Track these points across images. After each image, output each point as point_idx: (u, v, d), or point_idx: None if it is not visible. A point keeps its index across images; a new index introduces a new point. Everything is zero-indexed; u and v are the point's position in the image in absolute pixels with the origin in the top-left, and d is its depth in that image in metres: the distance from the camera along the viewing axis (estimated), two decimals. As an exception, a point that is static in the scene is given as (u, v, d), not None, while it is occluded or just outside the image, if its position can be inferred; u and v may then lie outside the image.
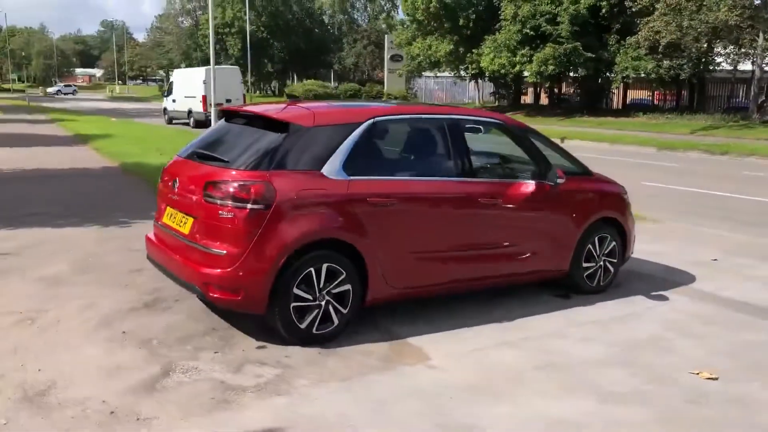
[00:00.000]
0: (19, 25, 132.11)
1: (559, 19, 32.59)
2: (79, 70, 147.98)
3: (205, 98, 27.20)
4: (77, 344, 4.65)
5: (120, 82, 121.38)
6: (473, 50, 36.66)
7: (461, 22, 35.93)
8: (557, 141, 8.37)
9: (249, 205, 4.46)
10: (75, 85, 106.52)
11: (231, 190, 4.51)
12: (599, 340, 5.09)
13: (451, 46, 37.38)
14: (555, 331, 5.27)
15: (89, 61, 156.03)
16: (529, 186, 5.62)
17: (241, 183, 4.51)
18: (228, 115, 5.50)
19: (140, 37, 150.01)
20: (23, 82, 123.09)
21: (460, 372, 4.42)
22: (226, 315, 5.11)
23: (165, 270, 5.08)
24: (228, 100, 26.10)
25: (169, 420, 3.64)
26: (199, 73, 29.56)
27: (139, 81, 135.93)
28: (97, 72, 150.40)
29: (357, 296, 4.87)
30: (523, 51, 33.87)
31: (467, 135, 5.57)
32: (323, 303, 4.71)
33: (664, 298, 6.24)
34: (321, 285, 4.68)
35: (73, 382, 4.05)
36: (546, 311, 5.71)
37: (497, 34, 35.05)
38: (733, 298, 6.28)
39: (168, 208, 5.15)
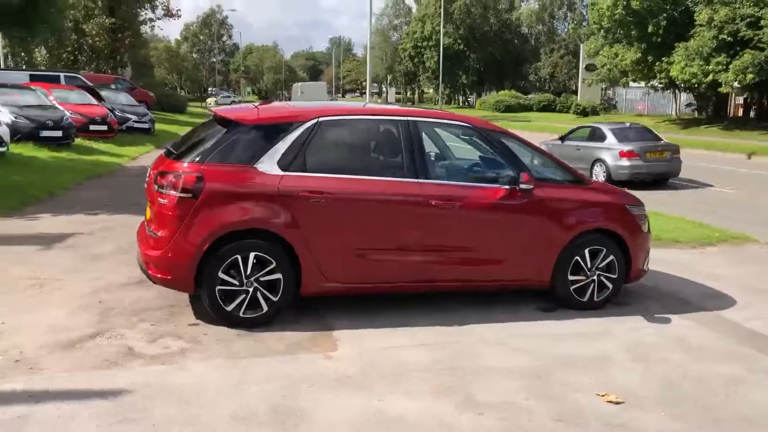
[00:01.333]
0: (257, 43, 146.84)
1: (762, 22, 29.35)
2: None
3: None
4: (54, 307, 5.42)
5: (339, 94, 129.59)
6: (663, 58, 34.20)
7: (650, 28, 33.65)
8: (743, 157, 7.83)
9: (179, 194, 4.93)
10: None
11: (170, 180, 5.01)
12: (529, 353, 4.85)
13: (638, 55, 35.17)
14: (493, 339, 5.10)
15: (316, 75, 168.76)
16: (491, 190, 5.48)
17: (177, 174, 5.00)
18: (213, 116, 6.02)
19: (361, 51, 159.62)
20: (256, 94, 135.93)
21: (349, 365, 4.51)
22: (194, 296, 5.59)
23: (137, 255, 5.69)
24: None
25: (54, 371, 4.20)
26: (300, 86, 42.01)
27: (356, 93, 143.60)
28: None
29: (289, 286, 5.12)
30: (718, 59, 30.94)
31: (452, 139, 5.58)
32: (251, 289, 5.02)
33: (664, 321, 5.71)
34: (248, 272, 5.00)
35: (17, 334, 4.79)
36: (507, 320, 5.51)
37: (690, 40, 32.40)
38: (755, 329, 5.57)
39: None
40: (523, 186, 5.47)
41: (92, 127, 19.37)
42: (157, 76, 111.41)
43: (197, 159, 5.06)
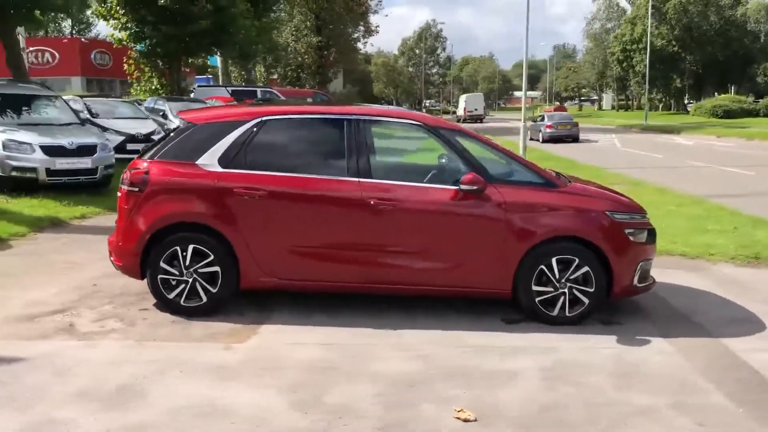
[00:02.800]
0: (475, 55, 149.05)
1: None
2: (519, 93, 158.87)
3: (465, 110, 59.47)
4: (54, 285, 6.15)
5: (557, 102, 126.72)
6: None
7: None
8: None
9: (128, 188, 5.39)
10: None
11: (125, 175, 5.50)
12: (426, 361, 4.60)
13: None
14: (406, 345, 4.90)
15: (533, 83, 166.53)
16: (439, 191, 5.26)
17: (129, 169, 5.47)
18: None
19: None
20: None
21: (239, 357, 4.61)
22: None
23: None
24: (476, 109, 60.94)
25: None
26: (464, 97, 52.13)
27: (574, 102, 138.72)
28: (536, 93, 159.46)
29: (229, 279, 5.34)
30: None
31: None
32: (190, 280, 5.33)
33: (639, 343, 5.06)
34: (187, 263, 5.31)
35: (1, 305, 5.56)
36: (451, 329, 5.23)
37: None
38: (743, 361, 4.74)
39: None
40: (464, 187, 5.17)
41: None
42: (375, 89, 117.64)
43: (150, 156, 5.49)
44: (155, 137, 15.42)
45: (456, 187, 5.22)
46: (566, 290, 5.33)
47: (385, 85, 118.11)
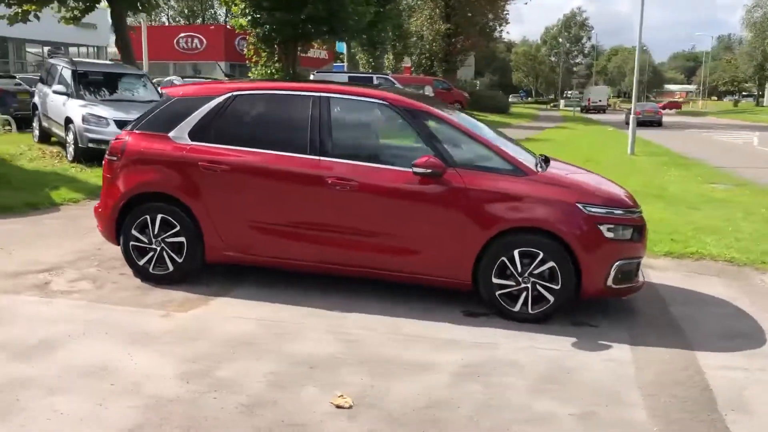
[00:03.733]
0: (626, 45, 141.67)
1: None
2: (674, 86, 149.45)
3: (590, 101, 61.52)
4: (63, 245, 6.56)
5: (715, 97, 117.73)
6: None
7: None
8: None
9: (108, 156, 5.64)
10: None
11: (110, 145, 5.76)
12: (348, 345, 4.48)
13: None
14: (343, 329, 4.77)
15: (690, 75, 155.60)
16: (397, 173, 5.07)
17: (113, 139, 5.72)
18: None
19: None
20: (619, 97, 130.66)
21: (170, 324, 4.71)
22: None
23: None
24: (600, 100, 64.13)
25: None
26: (591, 89, 59.15)
27: (734, 96, 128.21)
28: (692, 87, 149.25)
29: (194, 250, 5.46)
30: None
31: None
32: (158, 248, 5.50)
33: (593, 348, 4.66)
34: (156, 232, 5.48)
35: (9, 260, 6.01)
36: (400, 315, 5.05)
37: None
38: (702, 378, 4.24)
39: None
40: (416, 170, 4.94)
41: None
42: (514, 78, 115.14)
43: (131, 127, 5.70)
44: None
45: (411, 170, 5.00)
46: (529, 285, 4.97)
47: (525, 74, 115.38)
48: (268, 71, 27.01)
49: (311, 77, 27.46)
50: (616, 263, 4.96)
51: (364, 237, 5.18)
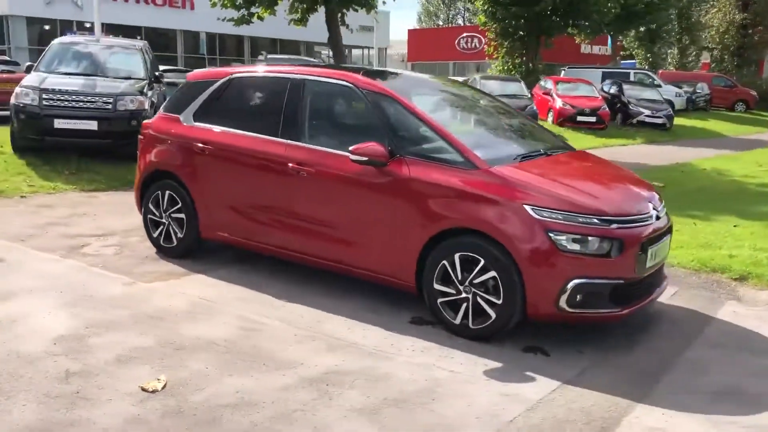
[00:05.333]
0: None
1: None
2: None
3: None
4: (126, 219, 7.02)
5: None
6: None
7: None
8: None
9: (140, 135, 6.14)
10: None
11: (143, 126, 6.26)
12: (245, 335, 4.32)
13: None
14: (261, 315, 4.65)
15: None
16: (346, 160, 4.76)
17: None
18: None
19: None
20: None
21: (121, 292, 5.00)
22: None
23: None
24: None
25: (28, 241, 6.12)
26: None
27: None
28: None
29: (192, 226, 5.70)
30: None
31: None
32: (166, 222, 5.86)
33: (502, 377, 3.93)
34: (165, 207, 5.85)
35: (76, 224, 6.90)
36: (334, 313, 4.74)
37: None
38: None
39: None
40: (352, 157, 4.56)
41: (579, 118, 20.12)
42: None
43: (160, 110, 6.13)
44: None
45: (348, 155, 4.63)
46: (470, 296, 4.31)
47: None
48: (506, 67, 26.64)
49: (561, 73, 26.50)
50: (573, 281, 4.06)
51: (319, 226, 4.96)
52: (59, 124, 9.33)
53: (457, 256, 4.31)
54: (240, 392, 3.57)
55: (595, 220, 4.12)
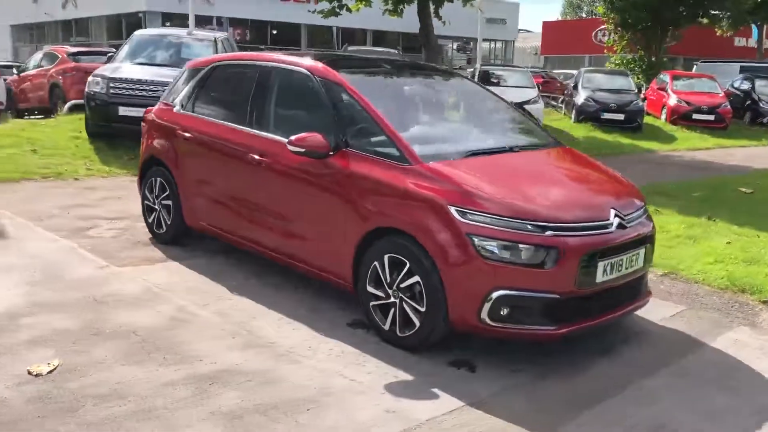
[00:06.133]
0: None
1: None
2: None
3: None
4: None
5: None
6: None
7: None
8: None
9: (142, 123, 6.27)
10: None
11: (151, 113, 6.36)
12: (171, 323, 4.27)
13: None
14: (199, 305, 4.58)
15: None
16: (278, 145, 4.59)
17: None
18: None
19: None
20: None
21: (89, 275, 5.10)
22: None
23: None
24: None
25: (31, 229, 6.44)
26: None
27: None
28: None
29: (177, 214, 5.72)
30: None
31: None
32: (158, 209, 5.93)
33: (399, 392, 3.61)
34: (156, 193, 5.93)
35: (94, 208, 7.19)
36: (276, 310, 4.58)
37: None
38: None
39: None
40: (290, 147, 4.36)
41: (695, 116, 18.58)
42: None
43: (161, 98, 6.21)
44: (529, 106, 15.50)
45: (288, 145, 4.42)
46: (397, 301, 4.00)
47: None
48: (624, 61, 25.14)
49: (693, 68, 24.65)
50: (496, 292, 3.64)
51: (275, 219, 4.82)
52: (123, 111, 9.79)
53: (386, 258, 4.01)
54: (120, 383, 3.50)
55: (528, 226, 3.66)
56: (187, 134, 5.48)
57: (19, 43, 47.44)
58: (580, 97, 17.53)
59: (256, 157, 4.81)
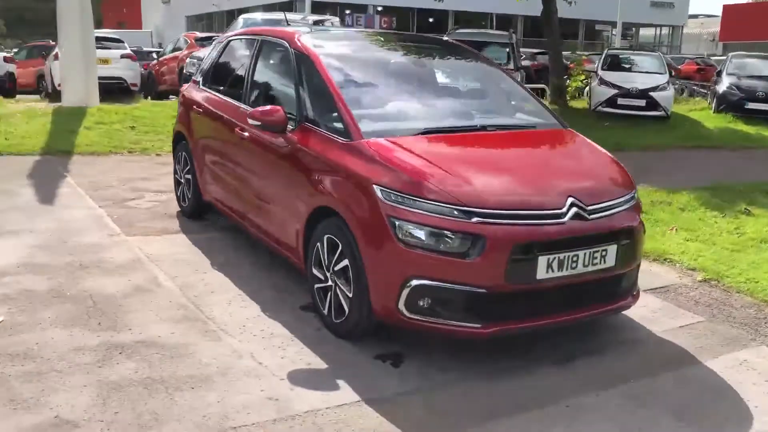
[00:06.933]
0: None
1: None
2: None
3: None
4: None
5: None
6: None
7: None
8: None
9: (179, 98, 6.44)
10: None
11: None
12: (139, 293, 4.34)
13: None
14: (165, 276, 4.60)
15: None
16: (245, 114, 4.50)
17: None
18: None
19: None
20: None
21: (94, 243, 5.30)
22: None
23: None
24: None
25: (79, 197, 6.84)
26: None
27: None
28: None
29: (196, 188, 5.82)
30: None
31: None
32: (183, 182, 6.08)
33: (305, 383, 3.41)
34: (181, 167, 6.07)
35: (111, 188, 7.52)
36: (235, 283, 4.53)
37: None
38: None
39: None
40: (250, 120, 4.23)
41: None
42: None
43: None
44: (656, 93, 14.32)
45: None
46: (333, 285, 3.78)
47: None
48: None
49: None
50: (412, 281, 3.31)
51: (252, 195, 4.76)
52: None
53: (325, 238, 3.79)
54: (38, 344, 3.58)
55: (455, 212, 3.28)
56: (199, 110, 5.54)
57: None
58: (723, 85, 15.77)
59: (240, 131, 4.74)
